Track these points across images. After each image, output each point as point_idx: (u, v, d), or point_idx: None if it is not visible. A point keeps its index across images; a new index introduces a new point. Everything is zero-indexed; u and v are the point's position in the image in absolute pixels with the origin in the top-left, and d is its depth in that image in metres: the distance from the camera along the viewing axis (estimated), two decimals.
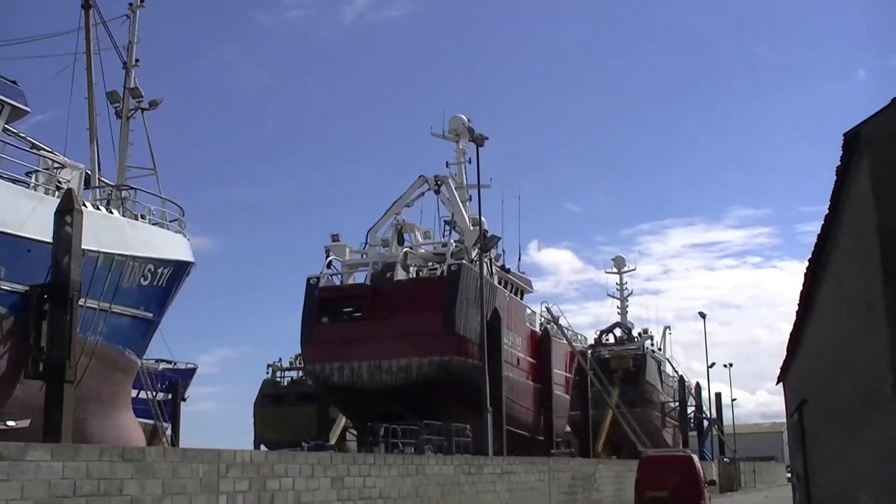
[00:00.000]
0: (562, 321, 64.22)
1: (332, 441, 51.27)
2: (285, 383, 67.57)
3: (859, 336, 8.24)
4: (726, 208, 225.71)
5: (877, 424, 7.61)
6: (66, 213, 25.04)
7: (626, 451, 70.59)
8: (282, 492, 18.91)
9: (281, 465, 19.14)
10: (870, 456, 8.33)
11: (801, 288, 13.02)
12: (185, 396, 55.29)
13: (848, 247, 8.53)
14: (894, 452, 6.92)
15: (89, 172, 33.34)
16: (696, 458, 31.04)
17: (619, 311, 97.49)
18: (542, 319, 62.53)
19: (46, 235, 25.70)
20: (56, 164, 30.69)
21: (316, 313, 48.89)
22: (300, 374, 65.15)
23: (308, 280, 50.07)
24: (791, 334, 17.56)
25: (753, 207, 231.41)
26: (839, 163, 7.78)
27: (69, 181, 30.16)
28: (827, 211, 9.26)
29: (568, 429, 69.43)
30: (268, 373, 68.33)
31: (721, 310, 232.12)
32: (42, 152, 31.02)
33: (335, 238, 52.90)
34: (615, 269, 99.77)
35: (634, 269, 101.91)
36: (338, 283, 51.89)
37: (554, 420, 57.92)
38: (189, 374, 57.21)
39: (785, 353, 20.55)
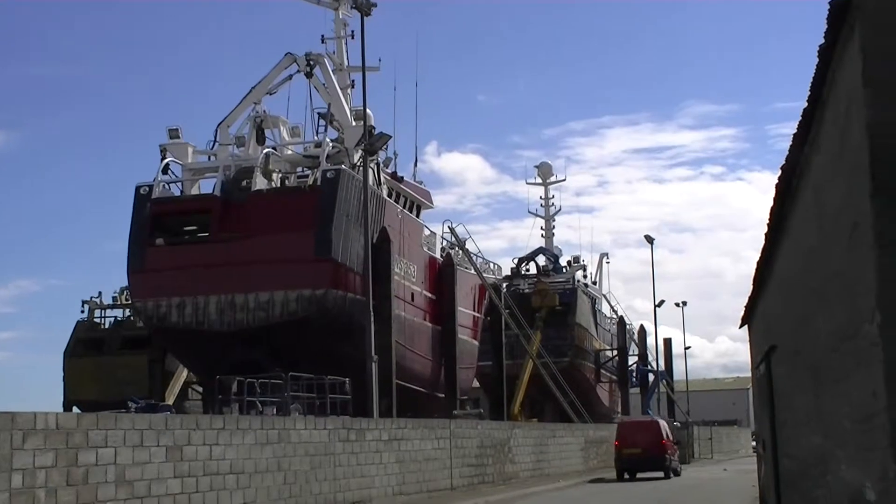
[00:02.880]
0: (469, 245, 64.74)
1: (169, 400, 51.09)
2: (107, 326, 66.80)
3: (841, 263, 8.41)
4: (680, 104, 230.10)
5: (858, 376, 7.81)
6: None
7: (551, 413, 72.06)
8: (99, 467, 18.75)
9: (99, 431, 18.97)
10: (849, 416, 8.56)
11: (771, 205, 13.25)
12: None
13: (831, 150, 8.66)
14: (877, 413, 7.10)
15: None
16: (662, 422, 51.90)
17: (544, 233, 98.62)
18: (445, 243, 62.87)
19: None
20: None
21: (148, 233, 48.30)
22: (127, 312, 64.50)
23: (137, 189, 49.32)
24: (758, 264, 17.93)
25: (715, 103, 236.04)
26: (823, 40, 7.83)
27: None
28: (806, 104, 9.36)
29: (476, 384, 70.39)
30: (83, 312, 67.37)
31: (672, 234, 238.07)
32: None
33: (174, 134, 52.02)
34: (539, 180, 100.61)
35: (564, 181, 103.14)
36: (177, 193, 51.21)
37: (458, 372, 58.62)
38: None
39: (751, 287, 21.01)
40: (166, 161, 50.99)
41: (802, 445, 13.66)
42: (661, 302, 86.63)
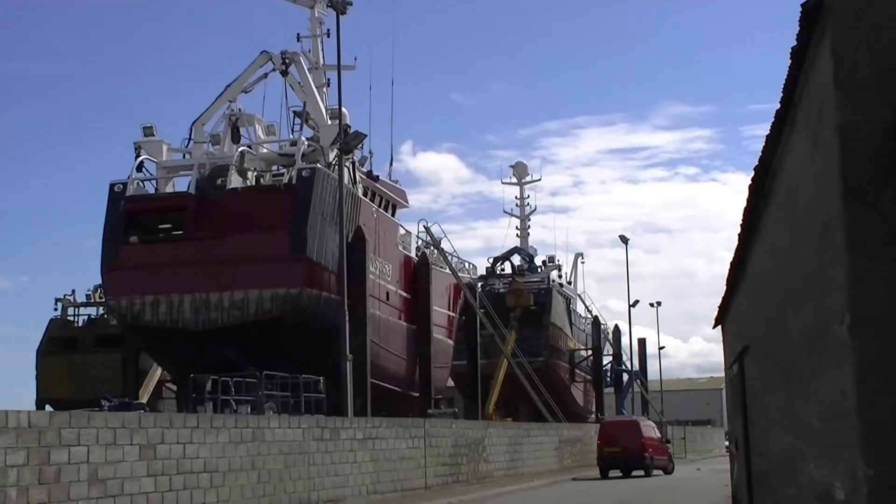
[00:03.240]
0: (445, 245, 64.75)
1: (143, 399, 50.93)
2: (80, 323, 66.55)
3: (812, 264, 8.48)
4: (655, 104, 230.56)
5: (828, 376, 7.87)
6: None
7: (525, 412, 72.11)
8: (72, 465, 18.68)
9: (72, 430, 18.90)
10: (819, 415, 8.64)
11: (744, 206, 13.32)
12: None
13: (803, 152, 8.72)
14: (846, 413, 7.16)
15: None
16: (644, 422, 54.57)
17: (519, 232, 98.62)
18: (420, 242, 62.89)
19: None
20: None
21: (122, 230, 48.18)
22: (101, 311, 64.28)
23: (112, 186, 49.18)
24: (732, 264, 18.02)
25: (689, 104, 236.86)
26: (795, 43, 7.90)
27: None
28: (779, 106, 9.42)
29: (451, 383, 70.42)
30: (56, 310, 67.11)
31: (646, 234, 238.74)
32: None
33: (148, 132, 51.94)
34: (514, 179, 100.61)
35: (539, 180, 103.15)
36: (152, 190, 51.11)
37: (433, 371, 58.65)
38: None
39: (725, 288, 21.12)
40: (141, 159, 50.88)
41: (774, 445, 13.75)
42: (636, 302, 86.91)
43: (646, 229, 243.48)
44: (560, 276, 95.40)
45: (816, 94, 7.75)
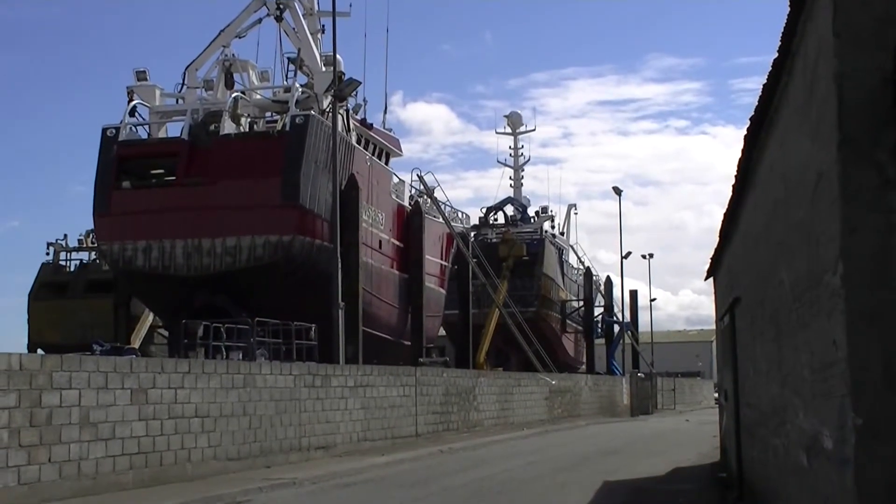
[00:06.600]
0: (438, 194, 64.64)
1: (135, 344, 50.96)
2: (72, 268, 66.55)
3: (805, 214, 8.45)
4: (644, 56, 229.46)
5: (819, 326, 7.87)
6: None
7: (516, 362, 72.32)
8: (63, 408, 18.72)
9: (63, 373, 18.93)
10: (809, 365, 8.64)
11: (739, 157, 13.30)
12: None
13: (798, 101, 8.68)
14: (836, 362, 7.16)
15: None
16: None
17: (512, 183, 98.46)
18: (413, 191, 62.75)
19: None
20: None
21: (114, 175, 47.94)
22: (92, 256, 64.25)
23: (104, 131, 48.88)
24: (725, 216, 18.01)
25: (679, 56, 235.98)
26: None
27: None
28: (777, 55, 9.36)
29: (442, 332, 70.55)
30: (48, 254, 67.14)
31: (636, 186, 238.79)
32: None
33: (141, 76, 51.61)
34: (508, 129, 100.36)
35: (533, 130, 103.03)
36: (144, 135, 50.82)
37: (425, 320, 58.73)
38: None
39: (717, 240, 21.12)
40: (133, 103, 50.53)
41: (762, 395, 13.81)
42: (629, 254, 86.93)
43: (636, 181, 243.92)
44: (553, 227, 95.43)
45: (814, 42, 7.71)
